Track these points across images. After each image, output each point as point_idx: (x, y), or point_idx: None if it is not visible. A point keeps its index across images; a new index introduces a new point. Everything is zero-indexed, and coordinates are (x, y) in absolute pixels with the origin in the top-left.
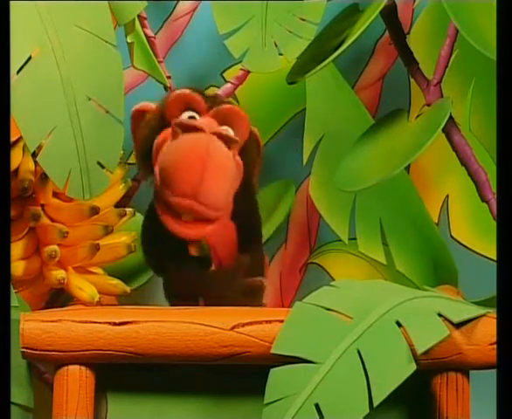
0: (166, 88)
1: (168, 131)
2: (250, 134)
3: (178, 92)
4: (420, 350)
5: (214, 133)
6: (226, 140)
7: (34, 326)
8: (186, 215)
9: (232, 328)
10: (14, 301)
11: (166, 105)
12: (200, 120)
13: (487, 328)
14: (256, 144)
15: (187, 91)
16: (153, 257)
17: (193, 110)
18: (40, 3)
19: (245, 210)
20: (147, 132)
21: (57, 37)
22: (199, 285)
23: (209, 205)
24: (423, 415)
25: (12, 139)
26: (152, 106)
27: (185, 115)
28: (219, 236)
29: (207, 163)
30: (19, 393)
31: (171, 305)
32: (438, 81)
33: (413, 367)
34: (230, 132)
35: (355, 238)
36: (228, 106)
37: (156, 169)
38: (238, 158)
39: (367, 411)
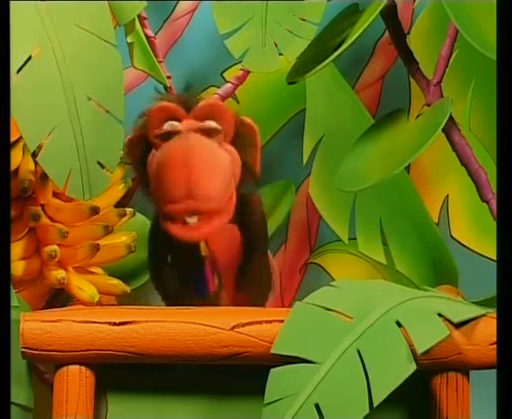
0: (166, 88)
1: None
2: (240, 123)
3: (155, 107)
4: (420, 350)
5: (191, 130)
6: (206, 132)
7: (34, 326)
8: (189, 217)
9: (232, 328)
10: (14, 301)
11: (148, 124)
12: (177, 124)
13: (487, 328)
14: (249, 130)
15: (162, 103)
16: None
17: (173, 119)
18: (40, 3)
19: (249, 210)
20: (138, 157)
21: (57, 37)
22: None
23: (202, 198)
24: (423, 415)
25: (12, 139)
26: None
27: (166, 126)
28: (221, 239)
29: (189, 160)
30: (19, 393)
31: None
32: (438, 81)
33: (413, 367)
34: (210, 124)
35: (355, 238)
36: (204, 102)
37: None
38: (229, 147)
39: (367, 411)
